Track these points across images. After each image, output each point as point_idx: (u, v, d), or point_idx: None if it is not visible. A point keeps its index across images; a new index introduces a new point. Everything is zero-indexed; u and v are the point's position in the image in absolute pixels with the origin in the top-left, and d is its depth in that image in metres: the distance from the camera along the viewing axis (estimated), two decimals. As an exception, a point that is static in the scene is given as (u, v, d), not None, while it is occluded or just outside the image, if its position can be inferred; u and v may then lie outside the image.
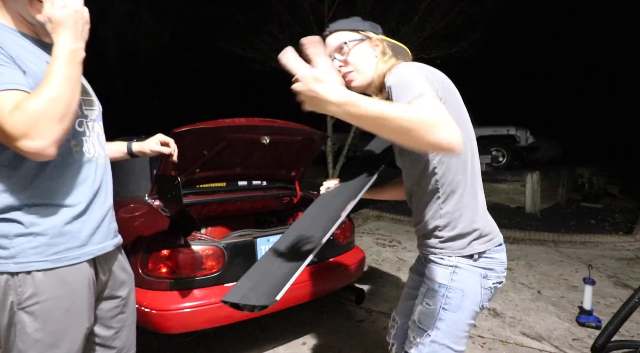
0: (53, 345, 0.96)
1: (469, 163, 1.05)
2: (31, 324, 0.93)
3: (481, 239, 1.07)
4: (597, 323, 2.62)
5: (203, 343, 2.28)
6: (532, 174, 6.86)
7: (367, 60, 1.12)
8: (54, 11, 0.88)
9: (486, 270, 1.07)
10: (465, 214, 1.05)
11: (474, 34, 8.85)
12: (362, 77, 1.13)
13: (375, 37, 1.15)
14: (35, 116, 0.81)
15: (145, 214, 2.06)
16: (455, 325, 1.06)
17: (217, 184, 2.57)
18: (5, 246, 0.92)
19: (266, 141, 2.24)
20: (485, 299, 1.09)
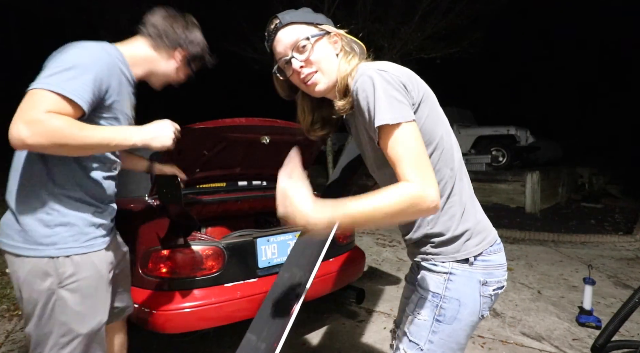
0: (89, 316, 1.17)
1: (455, 160, 0.99)
2: (72, 299, 1.13)
3: (474, 239, 0.97)
4: (597, 323, 2.62)
5: (203, 343, 2.28)
6: (532, 174, 6.86)
7: (330, 59, 0.97)
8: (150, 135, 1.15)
9: (485, 275, 0.96)
10: (456, 215, 0.97)
11: (474, 34, 8.85)
12: (326, 79, 0.97)
13: (334, 31, 0.99)
14: (53, 133, 0.95)
15: (145, 214, 2.06)
16: (451, 338, 0.95)
17: (217, 184, 2.57)
18: (47, 235, 1.10)
19: (266, 141, 2.24)
20: (486, 308, 0.98)
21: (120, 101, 1.17)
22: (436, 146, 0.94)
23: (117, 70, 1.15)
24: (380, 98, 0.85)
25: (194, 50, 1.35)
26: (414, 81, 0.93)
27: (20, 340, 2.31)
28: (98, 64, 1.08)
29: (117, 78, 1.15)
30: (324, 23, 1.00)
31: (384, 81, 0.86)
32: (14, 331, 2.43)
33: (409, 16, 8.56)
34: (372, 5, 8.57)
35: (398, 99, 0.85)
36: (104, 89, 1.10)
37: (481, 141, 9.15)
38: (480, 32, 8.90)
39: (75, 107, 1.01)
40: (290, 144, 2.22)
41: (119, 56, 1.18)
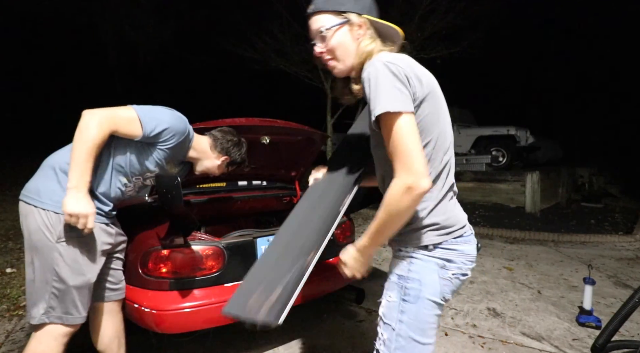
0: (80, 272, 1.42)
1: (443, 161, 1.05)
2: (67, 254, 1.38)
3: (438, 231, 1.04)
4: (597, 323, 2.62)
5: (203, 343, 2.28)
6: (532, 174, 6.85)
7: (347, 47, 1.07)
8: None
9: (443, 260, 1.04)
10: (427, 208, 1.04)
11: (474, 34, 8.85)
12: (342, 65, 1.09)
13: (357, 20, 1.06)
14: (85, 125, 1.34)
15: (145, 214, 2.06)
16: (417, 316, 1.03)
17: (217, 184, 2.57)
18: (61, 195, 1.34)
19: (266, 141, 2.24)
20: (447, 291, 1.06)
21: (168, 154, 1.56)
22: (427, 144, 1.01)
23: (184, 138, 1.58)
24: (384, 87, 0.92)
25: (235, 159, 1.81)
26: (421, 77, 0.98)
27: (20, 340, 2.31)
28: (177, 121, 1.53)
29: (179, 142, 1.56)
30: (350, 10, 1.05)
31: (389, 71, 0.93)
32: (14, 331, 2.43)
33: (409, 16, 8.56)
34: (372, 5, 8.57)
35: (400, 90, 0.92)
36: (166, 134, 1.50)
37: (481, 141, 9.15)
38: (480, 32, 8.90)
39: (140, 126, 1.43)
40: (290, 144, 2.22)
41: (191, 134, 1.65)
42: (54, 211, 1.37)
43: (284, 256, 1.11)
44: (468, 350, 2.33)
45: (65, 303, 1.40)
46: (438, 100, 1.03)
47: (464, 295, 3.22)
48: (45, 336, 1.40)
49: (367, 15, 1.07)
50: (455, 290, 1.08)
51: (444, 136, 1.04)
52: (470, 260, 1.09)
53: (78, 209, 1.29)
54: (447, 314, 2.83)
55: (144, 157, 1.53)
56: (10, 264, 3.64)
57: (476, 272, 3.86)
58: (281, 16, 9.09)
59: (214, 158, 1.76)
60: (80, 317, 1.45)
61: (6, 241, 4.40)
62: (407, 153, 0.91)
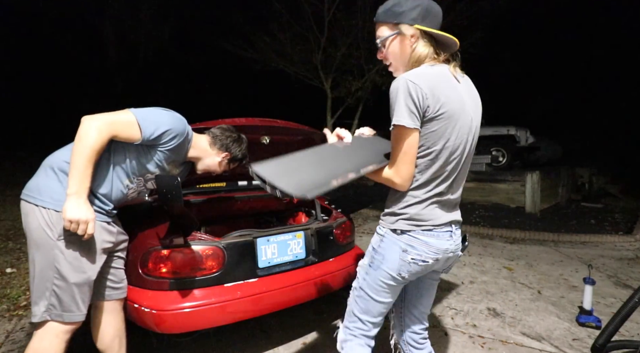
0: (80, 269, 1.44)
1: (447, 170, 1.21)
2: (68, 252, 1.40)
3: (408, 221, 1.23)
4: (597, 323, 2.62)
5: (203, 343, 2.28)
6: (532, 174, 6.85)
7: (401, 55, 1.26)
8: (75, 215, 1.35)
9: (407, 246, 1.23)
10: (408, 202, 1.23)
11: (474, 34, 8.85)
12: (394, 70, 1.31)
13: (409, 31, 1.21)
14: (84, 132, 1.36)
15: (145, 214, 2.06)
16: (374, 280, 1.30)
17: (217, 184, 2.57)
18: (62, 193, 1.39)
19: (266, 141, 2.24)
20: (405, 270, 1.25)
21: (169, 155, 1.58)
22: (430, 153, 1.18)
23: (184, 139, 1.58)
24: (399, 103, 1.13)
25: (235, 156, 1.80)
26: (440, 97, 1.13)
27: (20, 340, 2.31)
28: (176, 122, 1.54)
29: (179, 143, 1.57)
30: (402, 22, 1.21)
31: (407, 90, 1.11)
32: (14, 331, 2.43)
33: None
34: (372, 5, 8.57)
35: (410, 109, 1.11)
36: (166, 137, 1.51)
37: (481, 141, 9.10)
38: (481, 32, 8.90)
39: (139, 130, 1.44)
40: (290, 144, 2.23)
41: (190, 134, 1.64)
42: (54, 209, 1.39)
43: (322, 163, 1.19)
44: (468, 350, 2.33)
45: (66, 301, 1.42)
46: (451, 120, 1.15)
47: (464, 295, 3.22)
48: (46, 333, 1.42)
49: (418, 25, 1.20)
50: (414, 273, 1.27)
51: (449, 150, 1.18)
52: (434, 252, 1.25)
53: (78, 215, 1.32)
54: (447, 314, 2.83)
55: (145, 159, 1.55)
56: (10, 264, 3.64)
57: (476, 272, 3.86)
58: (281, 16, 9.09)
59: (214, 155, 1.76)
60: (80, 314, 1.46)
61: (6, 241, 4.40)
62: (400, 160, 1.17)
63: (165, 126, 1.49)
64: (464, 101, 1.20)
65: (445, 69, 1.22)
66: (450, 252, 1.28)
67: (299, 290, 2.11)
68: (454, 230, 1.30)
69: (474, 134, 1.26)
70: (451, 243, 1.28)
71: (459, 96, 1.19)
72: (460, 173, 1.26)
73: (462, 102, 1.19)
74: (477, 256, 4.49)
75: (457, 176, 1.26)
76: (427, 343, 1.52)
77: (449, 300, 3.11)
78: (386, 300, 1.32)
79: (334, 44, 9.23)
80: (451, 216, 1.28)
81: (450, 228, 1.28)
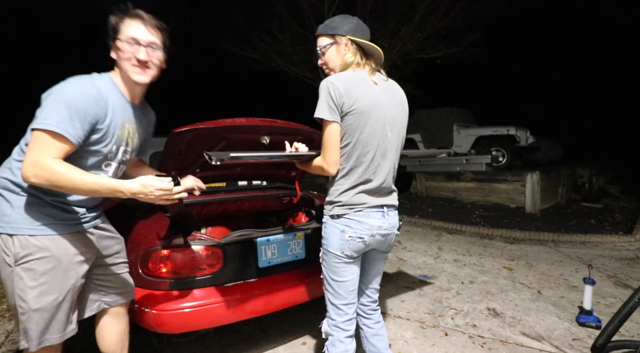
0: (43, 293, 1.30)
1: (367, 157, 1.46)
2: (27, 276, 1.28)
3: (342, 207, 1.48)
4: (597, 323, 2.62)
5: (203, 343, 2.28)
6: (532, 174, 6.85)
7: (335, 60, 1.55)
8: (140, 191, 1.26)
9: (344, 226, 1.47)
10: (340, 190, 1.49)
11: (474, 34, 8.84)
12: (332, 72, 1.56)
13: (343, 41, 1.51)
14: (51, 175, 1.19)
15: (145, 214, 2.06)
16: (329, 263, 1.54)
17: (217, 184, 2.56)
18: (8, 214, 1.28)
19: (266, 141, 2.23)
20: (346, 248, 1.48)
21: (110, 126, 1.37)
22: (348, 143, 1.45)
23: (104, 101, 1.33)
24: (321, 100, 1.41)
25: (110, 27, 1.40)
26: (354, 96, 1.41)
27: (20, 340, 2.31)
28: (83, 98, 1.27)
29: (105, 107, 1.33)
30: (337, 33, 1.51)
31: (327, 88, 1.40)
32: (14, 331, 2.43)
33: (409, 16, 8.55)
34: (372, 5, 8.56)
35: (329, 104, 1.40)
36: (92, 120, 1.29)
37: (481, 141, 9.13)
38: (480, 32, 8.89)
39: (67, 142, 1.23)
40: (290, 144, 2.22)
41: (108, 83, 1.39)
42: (6, 233, 1.28)
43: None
44: (468, 350, 2.33)
45: (38, 327, 1.31)
46: (363, 115, 1.42)
47: (464, 295, 3.22)
48: None
49: (350, 36, 1.50)
50: (356, 249, 1.49)
51: (364, 142, 1.44)
52: (367, 229, 1.47)
53: (138, 188, 1.24)
54: (447, 314, 2.83)
55: (93, 146, 1.35)
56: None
57: (476, 272, 3.86)
58: (281, 16, 9.09)
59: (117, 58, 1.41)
60: (59, 336, 1.36)
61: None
62: (326, 147, 1.45)
63: (82, 114, 1.26)
64: (378, 100, 1.46)
65: (364, 74, 1.49)
66: (384, 229, 1.51)
67: (299, 290, 2.11)
68: (385, 211, 1.52)
69: (393, 129, 1.51)
70: (383, 222, 1.51)
71: (373, 96, 1.45)
72: (383, 163, 1.49)
73: (376, 101, 1.45)
74: (477, 256, 4.49)
75: (380, 165, 1.49)
76: (375, 314, 1.74)
77: (449, 300, 3.11)
78: (346, 279, 1.53)
79: (334, 44, 9.22)
80: (382, 200, 1.52)
81: (382, 209, 1.52)
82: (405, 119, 1.58)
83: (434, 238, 5.43)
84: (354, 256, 1.50)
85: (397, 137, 1.54)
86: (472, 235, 5.69)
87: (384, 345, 1.72)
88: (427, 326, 2.63)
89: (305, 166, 1.57)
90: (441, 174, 8.27)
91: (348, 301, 1.55)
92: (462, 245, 5.07)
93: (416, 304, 2.99)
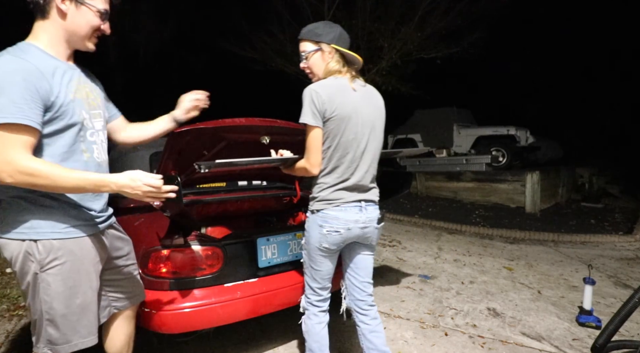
0: (70, 297, 1.26)
1: (347, 159, 1.56)
2: (54, 282, 1.23)
3: (321, 202, 1.59)
4: (597, 323, 2.62)
5: (203, 343, 2.28)
6: (532, 174, 6.86)
7: (319, 67, 1.63)
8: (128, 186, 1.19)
9: (321, 221, 1.58)
10: (321, 187, 1.59)
11: (474, 34, 8.84)
12: (315, 77, 1.66)
13: (327, 48, 1.59)
14: (27, 175, 1.09)
15: (145, 214, 2.06)
16: (309, 253, 1.66)
17: (217, 184, 2.56)
18: (27, 219, 1.21)
19: (266, 141, 2.23)
20: (325, 241, 1.58)
21: (61, 94, 1.20)
22: (329, 146, 1.56)
23: (37, 72, 1.14)
24: (305, 106, 1.52)
25: None
26: (335, 103, 1.51)
27: (20, 340, 2.31)
28: (19, 76, 1.10)
29: (45, 78, 1.16)
30: (323, 41, 1.59)
31: (311, 96, 1.51)
32: (14, 331, 2.43)
33: (409, 16, 8.55)
34: (372, 5, 8.57)
35: (313, 111, 1.51)
36: (42, 96, 1.14)
37: (481, 141, 9.14)
38: (480, 32, 8.90)
39: (29, 130, 1.11)
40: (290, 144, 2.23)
41: (34, 53, 1.20)
42: (30, 239, 1.21)
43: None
44: (468, 350, 2.33)
45: (64, 332, 1.27)
46: (343, 121, 1.53)
47: (464, 295, 3.22)
48: None
49: (334, 44, 1.59)
50: (335, 242, 1.59)
51: (344, 144, 1.55)
52: (344, 223, 1.57)
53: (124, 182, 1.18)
54: (447, 314, 2.83)
55: (61, 122, 1.22)
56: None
57: (476, 272, 3.86)
58: (281, 16, 9.09)
59: (60, 19, 1.24)
60: (82, 342, 1.31)
61: (6, 241, 4.39)
62: (309, 150, 1.55)
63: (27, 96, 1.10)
64: (357, 106, 1.56)
65: (345, 81, 1.58)
66: (361, 222, 1.60)
67: (299, 290, 2.11)
68: (363, 205, 1.61)
69: (372, 132, 1.61)
70: (360, 215, 1.60)
71: (353, 102, 1.55)
72: (362, 164, 1.59)
73: (355, 107, 1.55)
74: (477, 256, 4.49)
75: (359, 166, 1.59)
76: (372, 310, 1.77)
77: (449, 300, 3.11)
78: (323, 268, 1.67)
79: (334, 44, 9.23)
80: (359, 196, 1.61)
81: (359, 204, 1.61)
82: (383, 122, 1.70)
83: (434, 238, 5.43)
84: (332, 249, 1.61)
85: (375, 139, 1.64)
86: (472, 235, 5.69)
87: (382, 342, 1.74)
88: (427, 326, 2.63)
89: (290, 170, 1.67)
90: (441, 174, 8.27)
91: (322, 286, 1.72)
92: (462, 245, 5.07)
93: (416, 304, 2.99)
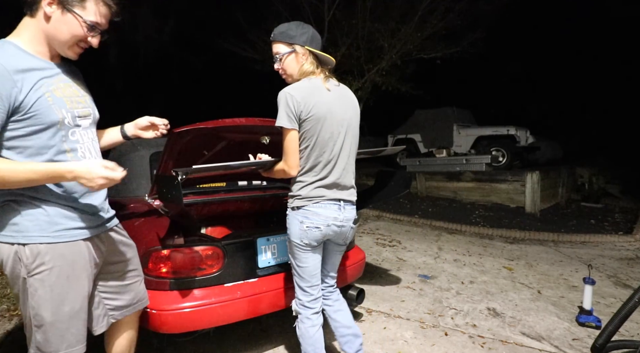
0: (58, 303, 1.22)
1: (324, 158, 1.59)
2: (41, 287, 1.19)
3: (301, 199, 1.61)
4: (597, 323, 2.62)
5: (203, 343, 2.28)
6: (532, 174, 6.85)
7: (293, 68, 1.64)
8: (85, 177, 1.13)
9: (302, 217, 1.61)
10: (301, 185, 1.62)
11: (474, 34, 8.84)
12: (290, 78, 1.67)
13: (301, 50, 1.60)
14: None
15: (145, 214, 2.06)
16: (292, 250, 1.69)
17: (217, 184, 2.56)
18: (16, 222, 1.17)
19: (266, 141, 2.24)
20: (305, 237, 1.61)
21: (32, 93, 1.15)
22: (307, 146, 1.59)
23: (9, 73, 1.10)
24: (280, 109, 1.54)
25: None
26: (310, 104, 1.53)
27: (20, 340, 2.31)
28: None
29: (10, 77, 1.10)
30: (297, 42, 1.60)
31: (285, 99, 1.53)
32: (14, 331, 2.43)
33: (408, 16, 8.55)
34: (372, 5, 8.56)
35: (288, 114, 1.53)
36: (5, 94, 1.09)
37: (481, 141, 9.14)
38: (480, 32, 8.90)
39: None
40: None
41: (12, 52, 1.15)
42: (18, 243, 1.18)
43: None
44: (468, 350, 2.33)
45: (51, 340, 1.23)
46: (319, 121, 1.55)
47: (464, 295, 3.22)
48: None
49: (308, 46, 1.60)
50: (315, 238, 1.62)
51: (321, 144, 1.58)
52: (323, 219, 1.60)
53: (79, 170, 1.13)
54: (447, 314, 2.83)
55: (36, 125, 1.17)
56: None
57: (476, 272, 3.86)
58: (281, 16, 9.09)
59: (45, 21, 1.21)
60: (70, 351, 1.26)
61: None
62: (287, 152, 1.58)
63: None
64: (332, 105, 1.58)
65: (319, 82, 1.60)
66: (339, 221, 1.64)
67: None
68: (342, 205, 1.65)
69: (347, 130, 1.64)
70: (339, 214, 1.64)
71: (327, 102, 1.57)
72: (339, 162, 1.63)
73: (330, 106, 1.57)
74: (477, 256, 4.49)
75: (337, 164, 1.63)
76: (334, 293, 1.86)
77: (449, 300, 3.11)
78: (308, 264, 1.68)
79: (334, 44, 9.23)
80: (339, 194, 1.65)
81: (339, 203, 1.65)
82: (358, 121, 1.73)
83: (434, 238, 5.43)
84: (313, 244, 1.64)
85: (351, 137, 1.68)
86: (472, 235, 5.69)
87: (348, 319, 1.83)
88: (427, 326, 2.63)
89: (269, 173, 1.70)
90: (441, 174, 8.27)
91: (311, 284, 1.71)
92: (462, 245, 5.07)
93: (416, 304, 2.99)
